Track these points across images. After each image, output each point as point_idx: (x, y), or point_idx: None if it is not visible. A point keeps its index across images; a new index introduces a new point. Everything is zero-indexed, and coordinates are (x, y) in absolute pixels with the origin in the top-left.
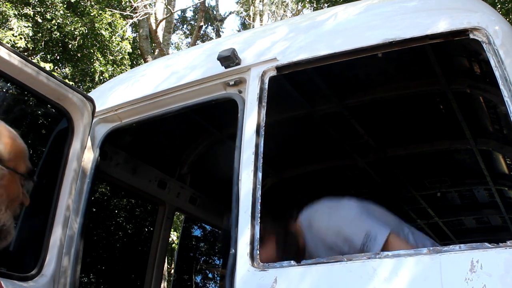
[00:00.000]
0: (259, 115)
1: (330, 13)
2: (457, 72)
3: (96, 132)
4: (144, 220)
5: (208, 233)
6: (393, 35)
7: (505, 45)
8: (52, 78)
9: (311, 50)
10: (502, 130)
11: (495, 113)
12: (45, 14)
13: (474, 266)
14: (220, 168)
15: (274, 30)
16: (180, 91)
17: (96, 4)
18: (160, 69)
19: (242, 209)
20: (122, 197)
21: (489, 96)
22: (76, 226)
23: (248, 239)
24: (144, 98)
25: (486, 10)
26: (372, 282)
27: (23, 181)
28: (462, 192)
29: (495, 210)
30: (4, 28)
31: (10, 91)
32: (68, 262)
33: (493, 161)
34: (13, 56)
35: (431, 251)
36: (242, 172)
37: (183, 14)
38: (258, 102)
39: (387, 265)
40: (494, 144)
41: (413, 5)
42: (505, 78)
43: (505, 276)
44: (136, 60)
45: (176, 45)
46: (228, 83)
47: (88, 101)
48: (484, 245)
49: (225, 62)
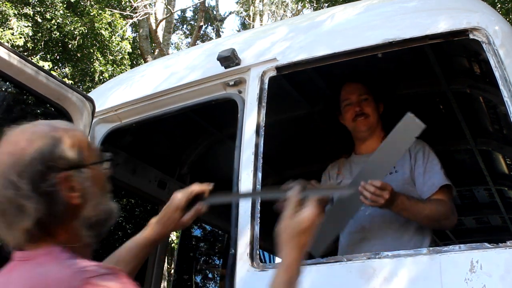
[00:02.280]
0: (259, 115)
1: (330, 13)
2: (457, 72)
3: (96, 132)
4: (144, 220)
5: (208, 233)
6: (393, 35)
7: (505, 45)
8: (51, 78)
9: (311, 50)
10: (502, 130)
11: (495, 113)
12: (45, 14)
13: (474, 266)
14: (220, 168)
15: (274, 30)
16: (180, 91)
17: (96, 4)
18: (160, 69)
19: (242, 209)
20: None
21: (489, 96)
22: None
23: (248, 239)
24: (144, 98)
25: (486, 10)
26: (372, 282)
27: (101, 166)
28: (462, 192)
29: (495, 210)
30: (4, 28)
31: (9, 91)
32: None
33: (493, 161)
34: (13, 56)
35: (431, 251)
36: (242, 172)
37: (183, 14)
38: (258, 102)
39: (387, 265)
40: (494, 144)
41: (413, 5)
42: (505, 78)
43: (505, 276)
44: (136, 60)
45: (176, 45)
46: (228, 83)
47: (88, 101)
48: (484, 245)
49: (225, 62)
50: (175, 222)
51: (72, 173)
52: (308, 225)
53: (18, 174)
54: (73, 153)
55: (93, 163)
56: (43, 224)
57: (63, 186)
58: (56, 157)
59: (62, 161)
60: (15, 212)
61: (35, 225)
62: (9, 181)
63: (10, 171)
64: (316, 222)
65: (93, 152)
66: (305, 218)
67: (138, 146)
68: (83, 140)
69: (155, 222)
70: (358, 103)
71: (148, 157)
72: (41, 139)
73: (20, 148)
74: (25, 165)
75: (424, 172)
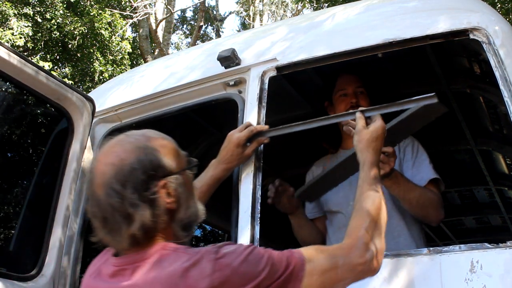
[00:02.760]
0: (259, 115)
1: (329, 13)
2: (457, 72)
3: (96, 132)
4: None
5: (208, 233)
6: (393, 35)
7: (505, 45)
8: (51, 78)
9: (311, 50)
10: (502, 130)
11: (495, 113)
12: (45, 13)
13: (474, 266)
14: None
15: (274, 30)
16: (180, 91)
17: (96, 4)
18: (160, 69)
19: (242, 209)
20: None
21: (489, 96)
22: (76, 226)
23: (248, 239)
24: (144, 98)
25: (486, 10)
26: (372, 282)
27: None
28: (462, 192)
29: (495, 210)
30: (4, 28)
31: (9, 91)
32: (68, 262)
33: (493, 161)
34: (13, 56)
35: (431, 251)
36: (242, 172)
37: (183, 14)
38: (258, 102)
39: (387, 265)
40: (494, 144)
41: (413, 5)
42: (505, 78)
43: (505, 276)
44: (136, 60)
45: (176, 45)
46: (228, 83)
47: (88, 101)
48: (484, 245)
49: (225, 62)
50: (239, 156)
51: (168, 180)
52: (382, 132)
53: (121, 183)
54: (168, 161)
55: (184, 169)
56: (147, 229)
57: (162, 193)
58: (155, 166)
59: (160, 170)
60: (120, 219)
61: (140, 230)
62: (113, 190)
63: (113, 181)
64: (385, 130)
65: (182, 158)
66: (378, 127)
67: None
68: (174, 148)
69: (218, 162)
70: (354, 94)
71: None
72: (139, 150)
73: (120, 159)
74: (127, 175)
75: (413, 166)
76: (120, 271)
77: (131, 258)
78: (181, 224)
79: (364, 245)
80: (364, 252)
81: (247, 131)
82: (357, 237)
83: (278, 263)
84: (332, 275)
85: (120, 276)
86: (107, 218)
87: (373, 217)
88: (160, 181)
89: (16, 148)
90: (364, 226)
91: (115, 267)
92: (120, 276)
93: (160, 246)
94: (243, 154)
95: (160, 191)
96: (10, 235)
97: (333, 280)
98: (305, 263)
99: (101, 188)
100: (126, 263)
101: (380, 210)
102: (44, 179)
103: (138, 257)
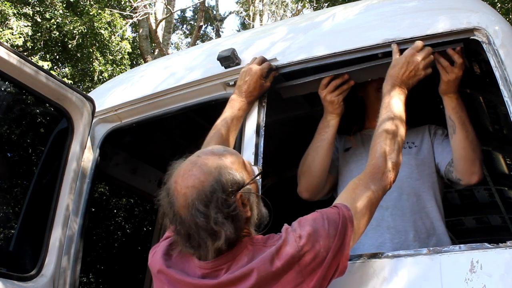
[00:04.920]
0: (259, 115)
1: (329, 13)
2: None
3: (96, 132)
4: (144, 219)
5: None
6: (393, 35)
7: (505, 45)
8: (51, 77)
9: (311, 50)
10: (502, 130)
11: (495, 113)
12: (44, 13)
13: (474, 266)
14: None
15: (274, 30)
16: (180, 91)
17: (96, 4)
18: (159, 69)
19: None
20: (121, 197)
21: (489, 96)
22: (75, 226)
23: None
24: (144, 98)
25: (486, 10)
26: (372, 282)
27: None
28: (462, 192)
29: (495, 210)
30: (3, 27)
31: (9, 91)
32: (68, 262)
33: (493, 161)
34: (12, 55)
35: (431, 251)
36: None
37: (183, 14)
38: (258, 102)
39: (387, 265)
40: (494, 144)
41: (413, 5)
42: (505, 78)
43: (505, 276)
44: (136, 60)
45: (176, 45)
46: (228, 83)
47: (88, 101)
48: (484, 245)
49: (225, 62)
50: (261, 88)
51: (242, 192)
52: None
53: (204, 204)
54: (240, 175)
55: (252, 179)
56: (231, 240)
57: (239, 205)
58: (232, 183)
59: (235, 185)
60: (205, 235)
61: (225, 243)
62: (197, 211)
63: (196, 202)
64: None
65: (248, 168)
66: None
67: (138, 146)
68: (241, 160)
69: (239, 95)
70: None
71: (148, 157)
72: (215, 170)
73: (200, 181)
74: (209, 196)
75: (443, 141)
76: (213, 272)
77: (220, 261)
78: (254, 225)
79: (384, 162)
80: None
81: (267, 64)
82: (380, 158)
83: (335, 223)
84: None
85: (214, 277)
86: (192, 235)
87: (393, 135)
88: (237, 195)
89: (16, 148)
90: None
91: (205, 270)
92: (214, 277)
93: (245, 243)
94: (263, 85)
95: (238, 205)
96: (10, 235)
97: (374, 204)
98: (352, 213)
99: (184, 209)
100: (219, 265)
101: (398, 128)
102: (44, 179)
103: (228, 257)
